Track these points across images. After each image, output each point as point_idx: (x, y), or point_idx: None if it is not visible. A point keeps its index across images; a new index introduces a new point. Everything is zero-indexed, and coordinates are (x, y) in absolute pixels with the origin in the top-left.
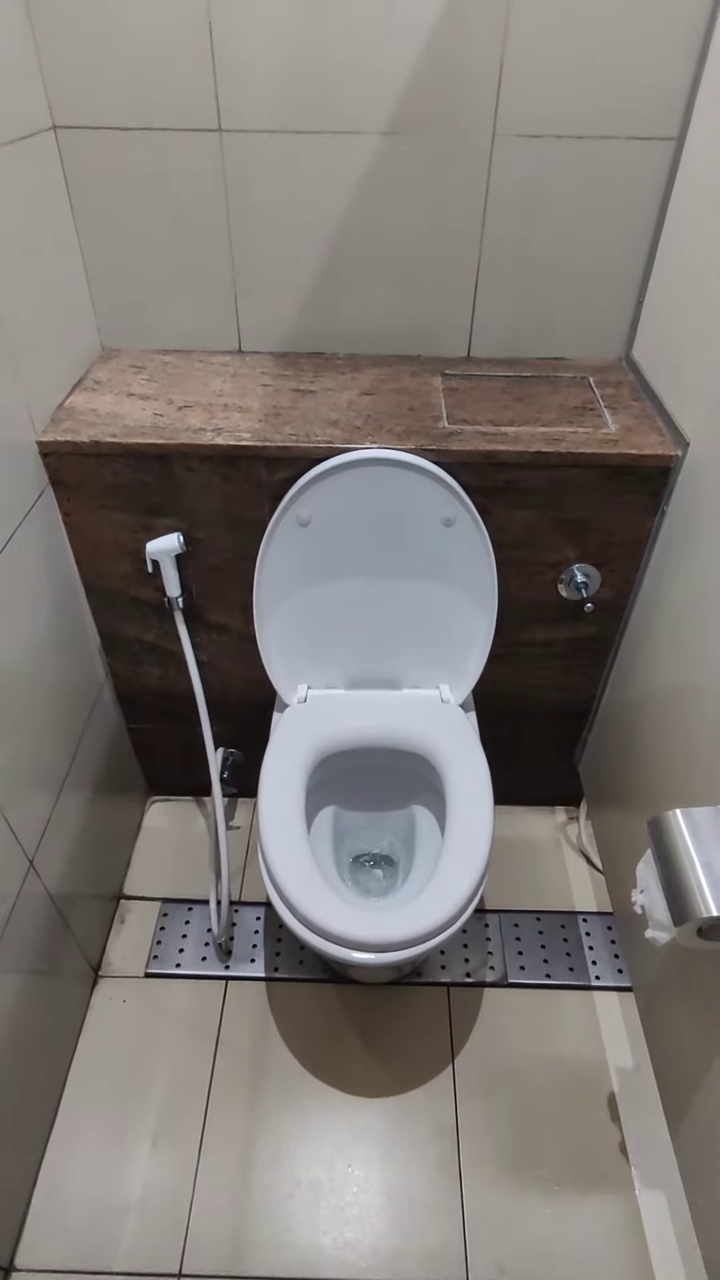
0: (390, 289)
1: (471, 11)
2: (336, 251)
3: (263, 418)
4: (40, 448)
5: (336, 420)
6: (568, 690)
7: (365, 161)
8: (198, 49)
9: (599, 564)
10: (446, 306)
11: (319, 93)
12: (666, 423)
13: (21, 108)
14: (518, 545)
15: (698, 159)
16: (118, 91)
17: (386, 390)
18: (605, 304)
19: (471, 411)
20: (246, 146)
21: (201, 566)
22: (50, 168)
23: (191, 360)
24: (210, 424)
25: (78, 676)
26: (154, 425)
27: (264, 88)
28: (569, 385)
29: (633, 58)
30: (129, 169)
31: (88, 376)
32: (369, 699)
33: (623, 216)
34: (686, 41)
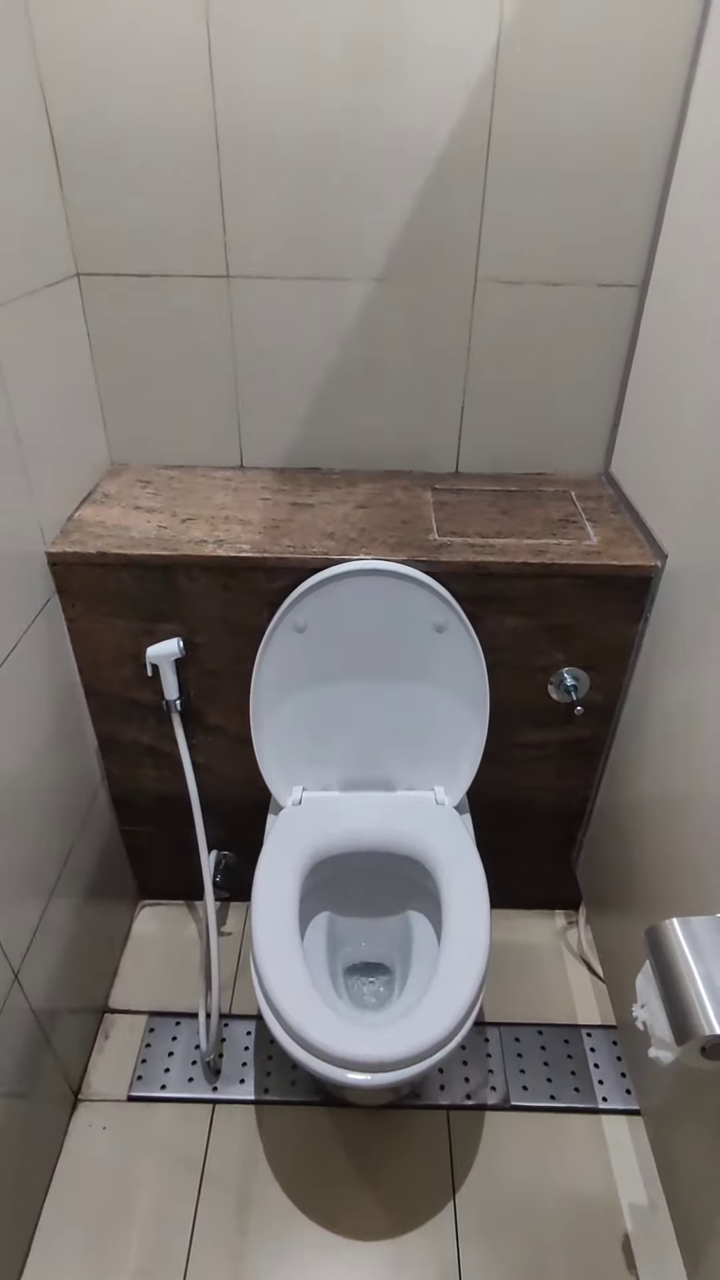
0: (383, 411)
1: (454, 189)
2: (333, 378)
3: (262, 530)
4: (49, 558)
5: (332, 533)
6: (562, 791)
7: (359, 302)
8: (209, 209)
9: (587, 668)
10: (436, 427)
11: (318, 249)
12: (645, 535)
13: (50, 258)
14: (508, 650)
15: (659, 303)
16: (136, 243)
17: (380, 504)
18: (584, 425)
19: (461, 524)
20: (251, 290)
21: (200, 670)
22: (72, 308)
23: (195, 475)
24: (212, 536)
25: (74, 780)
26: (158, 537)
27: (268, 242)
28: (552, 499)
29: (594, 229)
30: (143, 308)
31: (97, 490)
32: (364, 801)
33: (595, 350)
34: (644, 207)
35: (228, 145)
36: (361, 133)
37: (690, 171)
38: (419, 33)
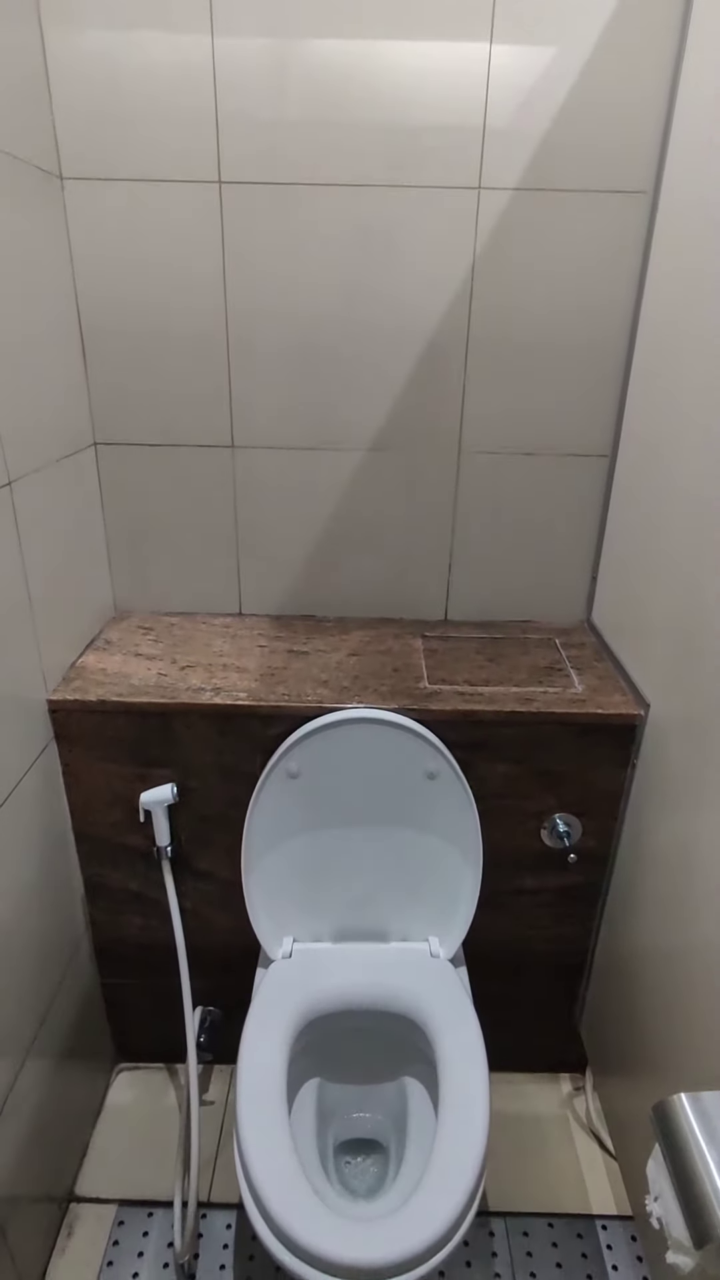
0: (375, 563)
1: (438, 375)
2: (328, 534)
3: (259, 677)
4: (50, 705)
5: (326, 680)
6: (560, 941)
7: (353, 469)
8: (218, 388)
9: (579, 813)
10: (425, 578)
11: (316, 423)
12: (628, 683)
13: (72, 430)
14: (499, 796)
15: (627, 471)
16: (149, 416)
17: (372, 651)
18: (565, 577)
19: (450, 671)
20: (253, 459)
21: (192, 815)
22: (88, 473)
23: (196, 622)
24: (210, 683)
25: (58, 928)
26: (157, 684)
27: (270, 417)
28: (538, 646)
29: (565, 408)
30: (153, 473)
31: (100, 636)
32: (356, 953)
33: (572, 509)
34: (608, 390)
35: (237, 331)
36: (355, 333)
37: (647, 357)
38: (407, 257)
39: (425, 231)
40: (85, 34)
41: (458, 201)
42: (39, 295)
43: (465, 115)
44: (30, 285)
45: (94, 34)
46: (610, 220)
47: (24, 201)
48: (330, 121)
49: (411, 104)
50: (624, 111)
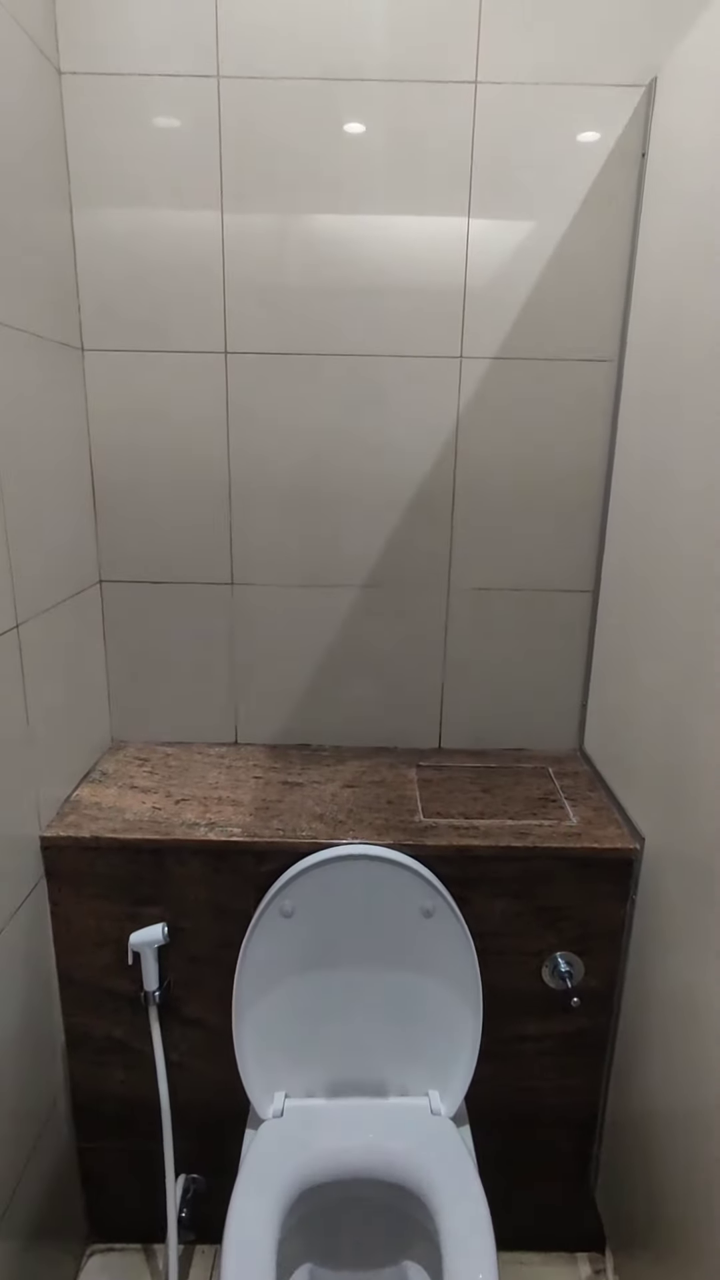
0: (369, 694)
1: (426, 519)
2: (323, 667)
3: (253, 811)
4: (42, 842)
5: (321, 814)
6: (568, 1094)
7: (347, 604)
8: (219, 530)
9: (580, 952)
10: (418, 709)
11: (312, 562)
12: (622, 815)
13: (80, 570)
14: (497, 934)
15: (610, 605)
16: (154, 556)
17: (367, 782)
18: (555, 706)
19: (444, 803)
20: (252, 595)
21: (182, 956)
22: (92, 609)
23: (191, 752)
24: (204, 818)
25: (35, 1085)
26: (152, 819)
27: (269, 556)
28: (531, 775)
29: (548, 546)
30: (156, 608)
31: (96, 768)
32: (352, 1112)
33: (559, 641)
34: (587, 529)
35: (238, 479)
36: (349, 480)
37: (622, 502)
38: (396, 414)
39: (413, 393)
40: (109, 212)
41: (442, 369)
42: (56, 446)
43: (448, 281)
44: (48, 438)
45: (117, 212)
46: (581, 384)
47: (46, 369)
48: (325, 289)
49: (398, 272)
50: (589, 291)
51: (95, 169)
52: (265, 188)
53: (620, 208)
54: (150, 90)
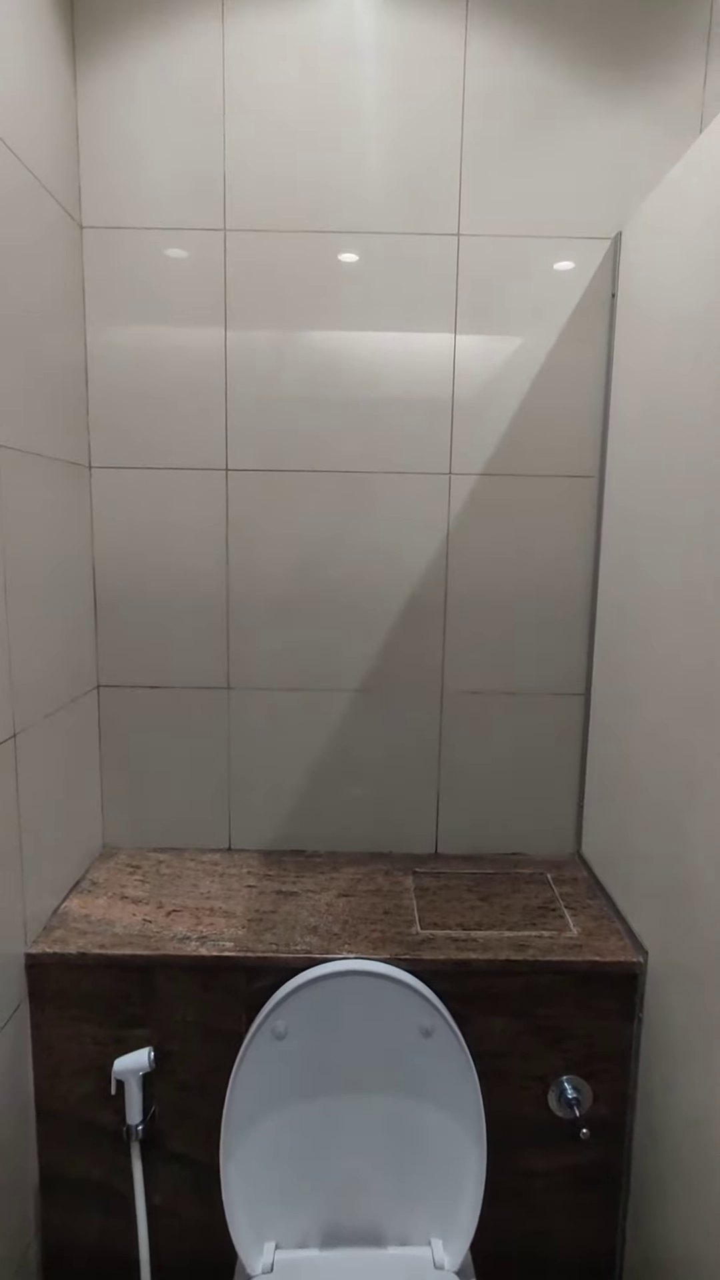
0: (365, 798)
1: (421, 624)
2: (319, 769)
3: (246, 922)
4: (27, 960)
5: (315, 926)
6: (582, 1238)
7: (343, 707)
8: (217, 637)
9: (587, 1075)
10: (414, 813)
11: (309, 666)
12: (623, 925)
13: (79, 676)
14: (500, 1055)
15: (602, 709)
16: (152, 661)
17: (362, 891)
18: (551, 810)
19: (442, 914)
20: (248, 698)
21: (169, 1083)
22: (89, 714)
23: (185, 859)
24: (196, 930)
25: (3, 1236)
26: (141, 933)
27: (266, 661)
28: (529, 882)
29: (540, 651)
30: (152, 712)
31: (86, 877)
32: (348, 1265)
33: (553, 744)
34: (577, 637)
35: (236, 587)
36: (344, 588)
37: (608, 607)
38: (388, 526)
39: (404, 507)
40: (121, 330)
41: (432, 484)
42: (61, 558)
43: (436, 392)
44: (54, 550)
45: (128, 330)
46: (565, 498)
47: (55, 487)
48: (320, 400)
49: (388, 384)
50: (569, 411)
51: (109, 298)
52: (264, 307)
53: (595, 339)
54: (163, 240)
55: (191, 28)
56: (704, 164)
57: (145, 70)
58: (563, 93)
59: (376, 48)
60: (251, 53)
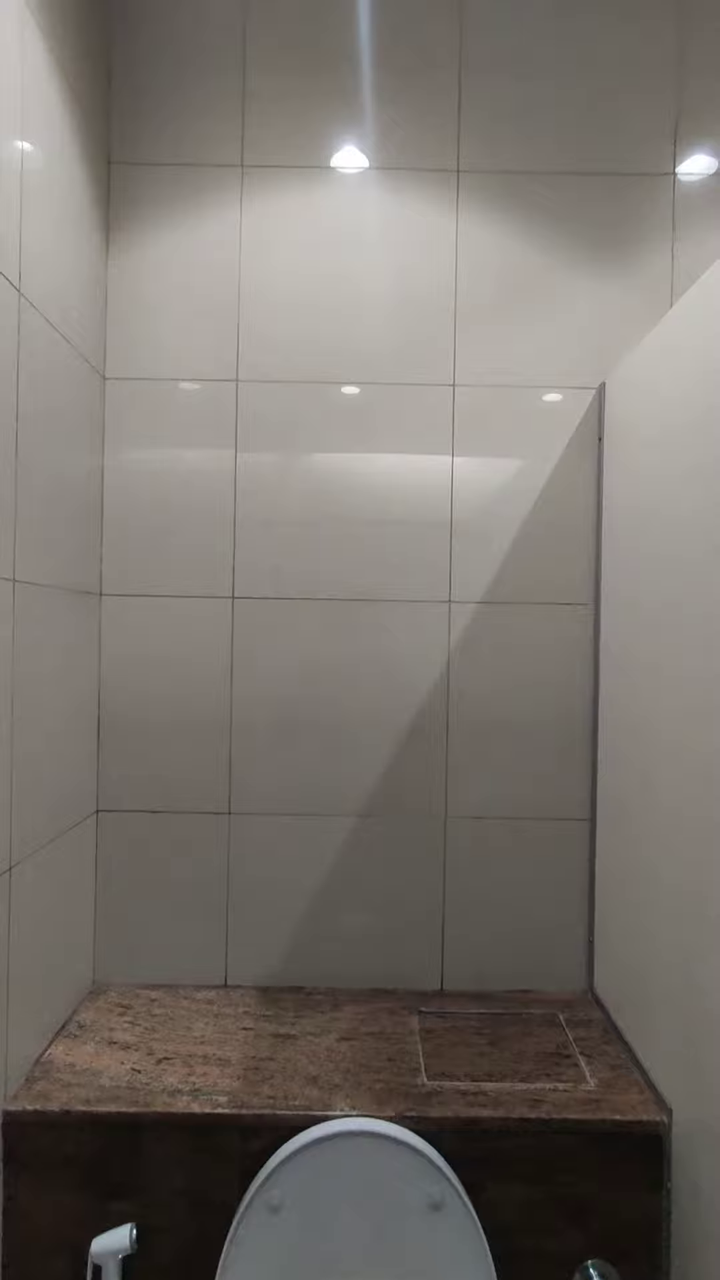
0: (367, 930)
1: (422, 749)
2: (319, 899)
3: (242, 1072)
4: (4, 1117)
5: (315, 1076)
6: None
7: (344, 834)
8: (219, 767)
9: (615, 1257)
10: (418, 946)
11: (310, 793)
12: (643, 1076)
13: (78, 802)
14: (517, 1231)
15: (608, 832)
16: (152, 785)
17: (365, 1034)
18: (561, 943)
19: (449, 1061)
20: (248, 825)
21: (152, 1267)
22: (86, 842)
23: (178, 997)
24: (188, 1082)
25: None
26: (129, 1085)
27: (265, 785)
28: (541, 1024)
29: (542, 776)
30: (149, 838)
31: (73, 1019)
32: None
33: (560, 873)
34: (581, 762)
35: (239, 713)
36: (346, 713)
37: (610, 731)
38: (390, 652)
39: (405, 634)
40: (136, 461)
41: (432, 611)
42: (67, 683)
43: (434, 513)
44: (60, 676)
45: (143, 461)
46: (562, 624)
47: (65, 615)
48: (322, 518)
49: (389, 504)
50: (564, 540)
51: (127, 433)
52: (271, 438)
53: (584, 478)
54: (179, 389)
55: (212, 210)
56: (676, 332)
57: (169, 245)
58: (545, 265)
59: (376, 226)
60: (265, 229)
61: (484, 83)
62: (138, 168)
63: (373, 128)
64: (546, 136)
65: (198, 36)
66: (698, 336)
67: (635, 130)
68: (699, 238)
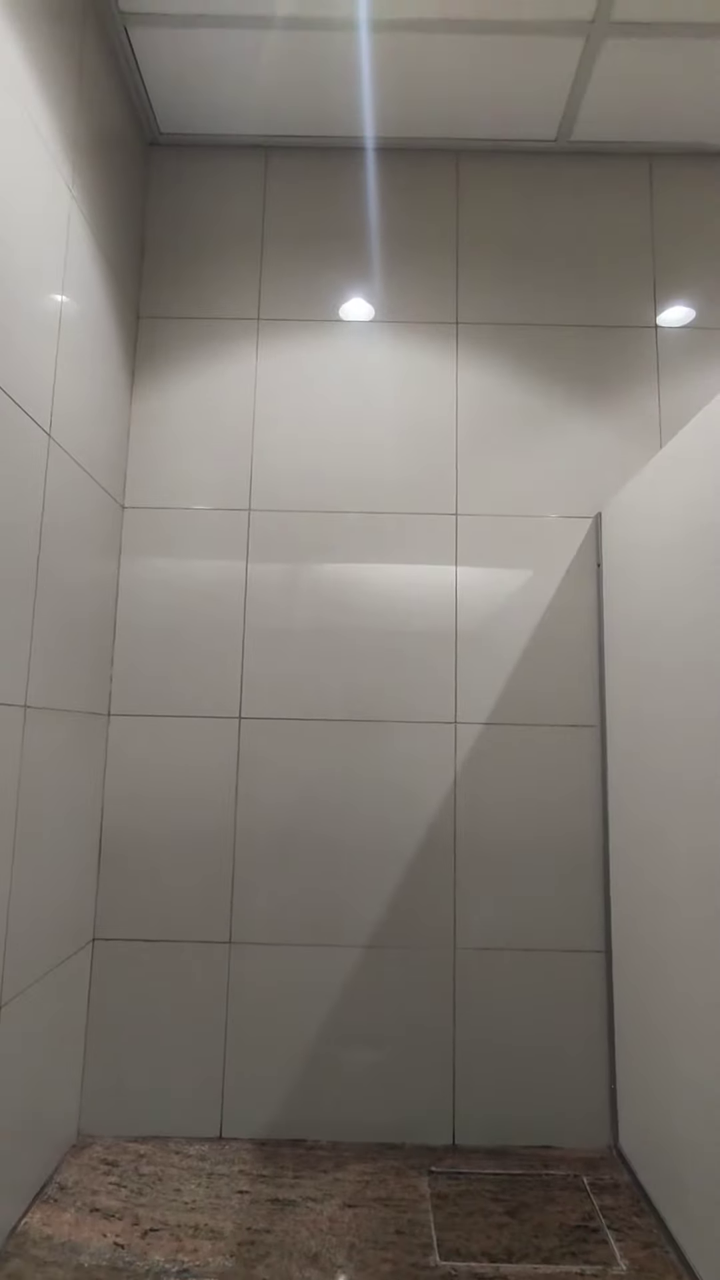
0: (373, 1075)
1: (428, 876)
2: (322, 1040)
3: (235, 1247)
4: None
5: (316, 1254)
6: None
7: (350, 966)
8: (220, 887)
9: None
10: (427, 1094)
11: (315, 921)
12: (679, 1256)
13: (76, 931)
14: None
15: (626, 966)
16: (151, 913)
17: (371, 1199)
18: (581, 1090)
19: (464, 1234)
20: (249, 954)
21: None
22: (80, 973)
23: (168, 1152)
24: (175, 1260)
25: None
26: (111, 1264)
27: (269, 913)
28: (563, 1188)
29: (555, 912)
30: (146, 970)
31: (54, 1179)
32: None
33: (577, 1011)
34: (592, 888)
35: (244, 835)
36: (352, 838)
37: (621, 857)
38: (395, 770)
39: (411, 753)
40: (149, 574)
41: (437, 732)
42: (72, 806)
43: (439, 625)
44: (66, 799)
45: (155, 574)
46: (569, 746)
47: (73, 736)
48: (326, 629)
49: (392, 614)
50: (567, 662)
51: (141, 553)
52: (280, 556)
53: (585, 602)
54: (193, 516)
55: (230, 358)
56: (665, 471)
57: (189, 389)
58: (542, 406)
59: (381, 371)
60: (278, 374)
61: (479, 249)
62: (163, 321)
63: (379, 287)
64: (538, 294)
65: (221, 213)
66: (690, 470)
67: (618, 287)
68: (681, 381)
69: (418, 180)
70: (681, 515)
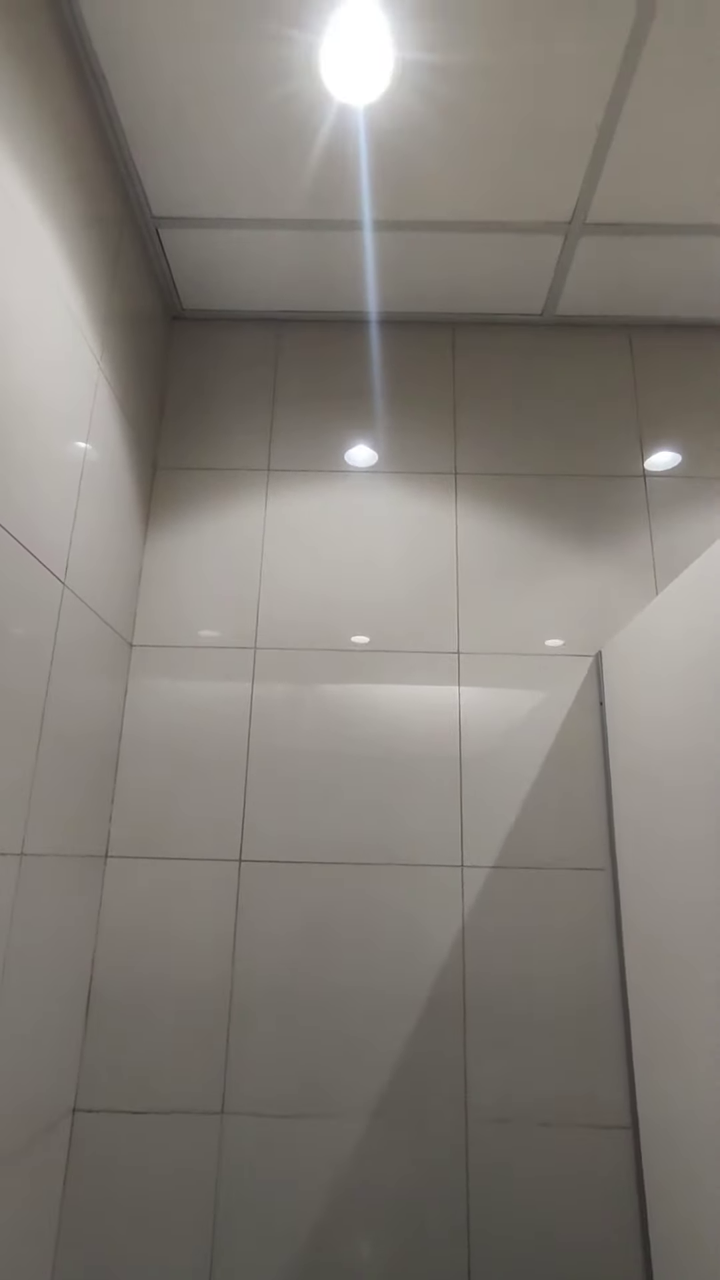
0: (378, 1268)
1: (437, 1040)
2: (323, 1226)
3: None
4: None
5: None
6: None
7: (352, 1140)
8: (215, 1054)
9: None
10: None
11: (313, 1089)
12: None
13: (52, 1101)
14: None
15: (654, 1147)
16: (138, 1082)
17: None
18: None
19: None
20: (243, 1127)
21: None
22: (57, 1150)
23: None
24: None
25: None
26: None
27: (264, 1079)
28: None
29: (574, 1072)
30: (129, 1144)
31: None
32: None
33: (603, 1198)
34: (614, 1058)
35: (241, 984)
36: (354, 992)
37: (642, 1027)
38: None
39: (417, 899)
40: (155, 699)
41: (444, 877)
42: (61, 962)
43: (443, 748)
44: (56, 947)
45: (163, 699)
46: (578, 891)
47: (69, 881)
48: (331, 752)
49: (397, 737)
50: (573, 804)
51: (147, 675)
52: (283, 688)
53: (589, 741)
54: (198, 656)
55: (240, 506)
56: (661, 617)
57: (200, 535)
58: (539, 551)
59: (384, 517)
60: (286, 520)
61: (475, 407)
62: (179, 472)
63: (381, 440)
64: (531, 446)
65: (237, 377)
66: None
67: (605, 438)
68: (671, 523)
69: (417, 348)
70: (681, 649)
